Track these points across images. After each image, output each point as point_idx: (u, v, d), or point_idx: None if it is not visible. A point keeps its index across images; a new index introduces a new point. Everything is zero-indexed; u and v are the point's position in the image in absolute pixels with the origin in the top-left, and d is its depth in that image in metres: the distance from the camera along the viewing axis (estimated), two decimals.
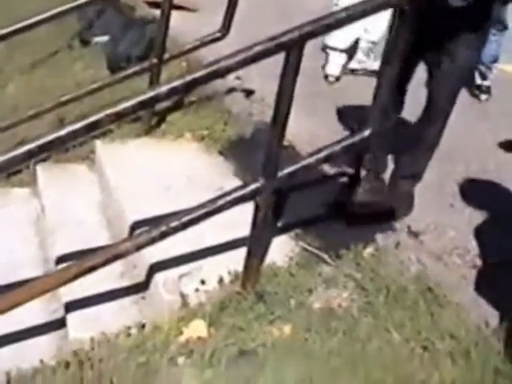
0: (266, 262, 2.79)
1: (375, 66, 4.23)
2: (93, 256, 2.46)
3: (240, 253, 2.69)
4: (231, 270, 2.75)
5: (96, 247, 2.83)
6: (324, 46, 4.82)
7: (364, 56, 4.86)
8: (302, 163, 2.69)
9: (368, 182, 3.01)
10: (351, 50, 4.82)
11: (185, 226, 2.48)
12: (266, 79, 3.12)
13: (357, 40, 4.79)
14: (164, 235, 2.46)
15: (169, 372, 2.42)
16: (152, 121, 3.94)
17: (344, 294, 2.69)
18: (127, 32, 4.90)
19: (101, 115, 2.17)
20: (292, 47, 2.32)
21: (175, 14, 3.86)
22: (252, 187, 2.54)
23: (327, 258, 2.84)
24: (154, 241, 2.47)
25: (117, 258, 2.50)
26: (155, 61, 3.81)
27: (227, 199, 2.53)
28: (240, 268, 2.69)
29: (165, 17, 3.73)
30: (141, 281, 2.88)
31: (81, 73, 4.81)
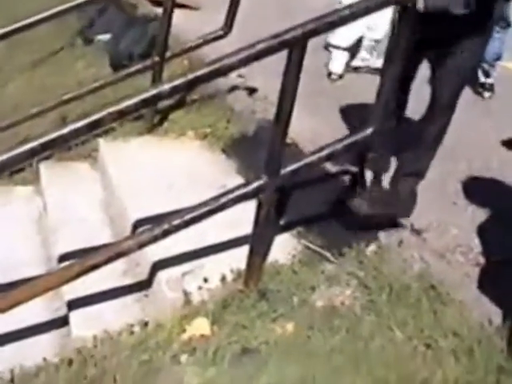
0: (269, 260, 2.78)
1: (378, 64, 4.23)
2: (95, 254, 2.47)
3: (242, 251, 2.69)
4: (234, 268, 2.75)
5: (98, 245, 2.82)
6: (327, 44, 4.82)
7: (367, 54, 4.86)
8: (305, 161, 2.69)
9: (370, 194, 2.99)
10: (354, 48, 4.82)
11: (187, 224, 2.48)
12: (269, 77, 3.12)
13: (360, 38, 4.79)
14: (166, 233, 2.46)
15: (171, 370, 2.42)
16: (154, 119, 3.94)
17: (347, 292, 2.69)
18: (129, 30, 4.90)
19: (103, 113, 2.17)
20: (295, 45, 2.32)
21: (177, 12, 3.86)
22: (254, 185, 2.54)
23: (330, 256, 2.83)
24: (157, 239, 2.47)
25: (119, 256, 2.51)
26: (157, 59, 3.81)
27: (230, 197, 2.52)
28: (242, 266, 2.69)
29: (167, 15, 3.73)
30: (143, 279, 2.88)
31: (83, 71, 4.82)
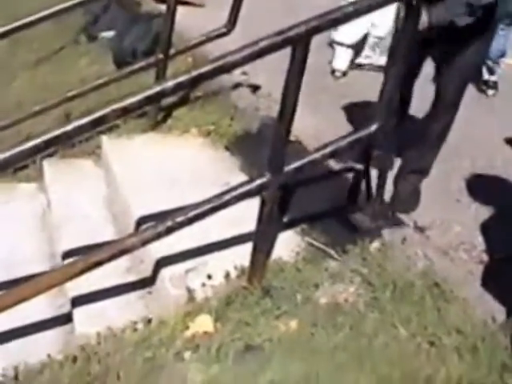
0: (272, 257, 2.78)
1: (382, 61, 4.21)
2: (99, 251, 2.47)
3: (246, 248, 2.68)
4: (237, 265, 2.75)
5: (102, 242, 2.83)
6: (331, 41, 4.79)
7: (370, 51, 4.84)
8: (309, 158, 2.68)
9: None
10: (359, 46, 4.79)
11: (191, 221, 2.48)
12: (273, 74, 3.11)
13: (365, 35, 4.76)
14: (170, 230, 2.46)
15: (175, 366, 2.42)
16: (158, 116, 3.94)
17: (350, 289, 2.68)
18: (133, 27, 4.90)
19: (107, 110, 2.17)
20: (298, 42, 2.31)
21: (181, 9, 3.86)
22: (258, 182, 2.53)
23: (333, 253, 2.83)
24: (160, 236, 2.47)
25: (123, 253, 2.51)
26: (161, 56, 3.81)
27: (233, 194, 2.52)
28: (246, 263, 2.69)
29: (171, 12, 3.72)
30: (147, 276, 2.88)
31: (86, 68, 4.82)
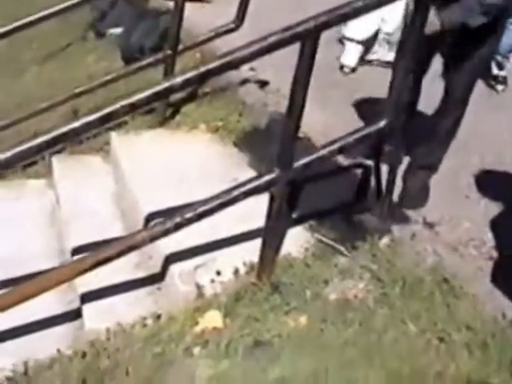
0: (282, 253, 2.78)
1: (390, 57, 4.21)
2: (108, 247, 2.47)
3: (255, 244, 2.68)
4: (246, 261, 2.75)
5: (111, 238, 2.83)
6: (341, 37, 4.78)
7: (379, 46, 4.82)
8: (317, 154, 2.67)
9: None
10: (369, 42, 4.77)
11: (200, 217, 2.47)
12: (281, 70, 3.11)
13: (376, 31, 4.73)
14: (179, 226, 2.46)
15: (184, 362, 2.42)
16: (166, 112, 3.94)
17: (360, 285, 2.68)
18: (140, 23, 4.90)
19: (115, 106, 2.17)
20: (307, 37, 2.30)
21: (189, 5, 3.84)
22: (267, 178, 2.53)
23: (343, 250, 2.83)
24: (169, 232, 2.47)
25: (132, 249, 2.50)
26: (169, 52, 3.80)
27: (242, 190, 2.52)
28: (255, 259, 2.69)
29: (179, 8, 3.72)
30: (156, 272, 2.89)
31: (94, 65, 4.83)
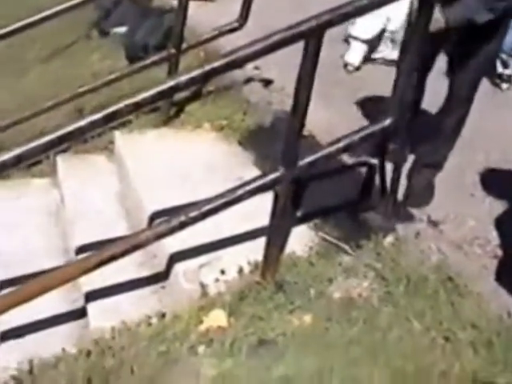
0: (286, 252, 2.77)
1: (394, 56, 4.20)
2: (112, 246, 2.47)
3: (259, 243, 2.68)
4: (251, 260, 2.75)
5: (115, 237, 2.83)
6: (347, 35, 4.77)
7: (383, 45, 4.81)
8: (322, 152, 2.67)
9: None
10: (374, 41, 4.75)
11: (204, 216, 2.48)
12: (285, 68, 3.10)
13: (382, 30, 4.72)
14: (183, 225, 2.46)
15: (189, 361, 2.42)
16: (171, 111, 3.94)
17: (364, 284, 2.68)
18: (144, 21, 4.90)
19: (120, 105, 2.17)
20: (311, 36, 2.30)
21: (192, 4, 3.84)
22: (271, 177, 2.53)
23: (347, 248, 2.82)
24: (174, 231, 2.48)
25: (136, 248, 2.51)
26: (173, 51, 3.81)
27: (246, 189, 2.52)
28: (259, 258, 2.69)
29: (182, 6, 3.72)
30: (160, 271, 2.89)
31: (98, 63, 4.83)
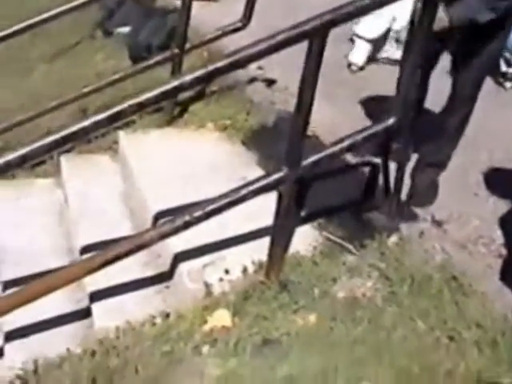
0: (290, 252, 2.78)
1: (398, 55, 4.19)
2: (117, 246, 2.47)
3: (263, 242, 2.68)
4: (255, 260, 2.75)
5: (120, 237, 2.83)
6: (352, 34, 4.76)
7: (389, 45, 4.80)
8: (326, 152, 2.67)
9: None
10: (379, 41, 4.74)
11: (208, 216, 2.48)
12: (288, 68, 3.11)
13: (387, 30, 4.71)
14: (187, 225, 2.46)
15: (193, 360, 2.42)
16: (174, 111, 3.94)
17: (368, 284, 2.68)
18: (147, 21, 4.91)
19: (124, 106, 2.17)
20: (315, 35, 2.30)
21: (196, 4, 3.85)
22: (275, 176, 2.53)
23: (351, 248, 2.82)
24: (178, 230, 2.48)
25: (140, 248, 2.51)
26: (177, 51, 3.81)
27: (250, 189, 2.52)
28: (264, 257, 2.69)
29: (186, 6, 3.72)
30: (165, 270, 2.89)
31: (102, 63, 4.84)
